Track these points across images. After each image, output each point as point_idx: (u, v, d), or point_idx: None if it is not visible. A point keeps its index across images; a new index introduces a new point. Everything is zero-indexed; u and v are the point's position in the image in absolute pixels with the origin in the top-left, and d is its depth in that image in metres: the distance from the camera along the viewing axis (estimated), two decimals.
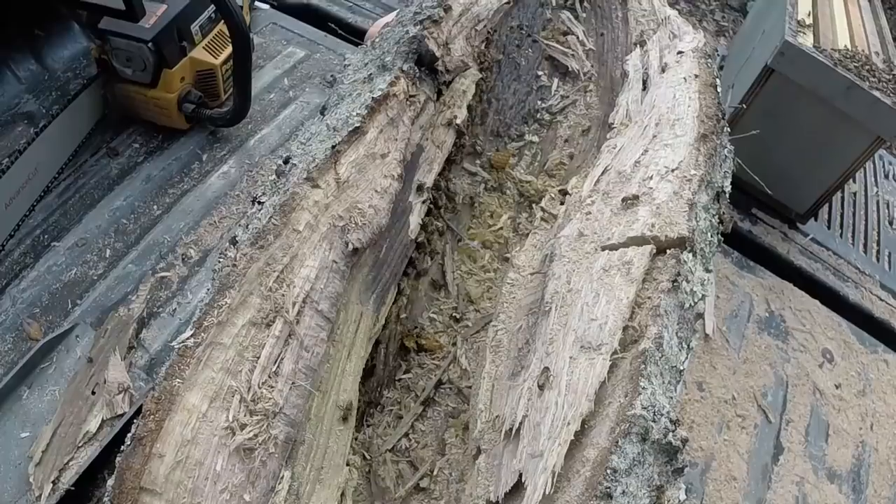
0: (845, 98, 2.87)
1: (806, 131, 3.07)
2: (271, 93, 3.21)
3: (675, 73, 2.21)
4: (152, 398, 1.20)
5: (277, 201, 1.53)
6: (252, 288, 1.40)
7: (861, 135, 2.98)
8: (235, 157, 2.87)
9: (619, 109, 2.24)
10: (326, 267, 1.53)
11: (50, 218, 2.51)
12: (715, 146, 1.84)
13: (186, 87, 2.72)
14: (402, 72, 1.92)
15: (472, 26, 2.30)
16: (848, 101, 2.87)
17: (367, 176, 1.71)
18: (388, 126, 1.82)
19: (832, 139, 3.05)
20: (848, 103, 2.88)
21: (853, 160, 3.12)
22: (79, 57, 2.98)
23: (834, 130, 3.00)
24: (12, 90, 2.79)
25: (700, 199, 1.67)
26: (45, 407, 2.01)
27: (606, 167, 1.93)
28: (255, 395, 1.29)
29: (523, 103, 2.54)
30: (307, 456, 1.39)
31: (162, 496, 1.13)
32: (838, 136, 3.02)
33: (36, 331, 2.19)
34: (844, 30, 3.29)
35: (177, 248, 2.49)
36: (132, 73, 2.61)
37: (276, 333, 1.38)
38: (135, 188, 2.67)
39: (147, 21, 2.50)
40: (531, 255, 1.96)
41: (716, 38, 4.93)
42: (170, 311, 2.31)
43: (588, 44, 2.70)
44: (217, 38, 2.80)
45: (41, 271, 2.35)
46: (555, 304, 1.55)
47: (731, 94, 3.26)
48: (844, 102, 2.88)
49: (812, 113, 2.99)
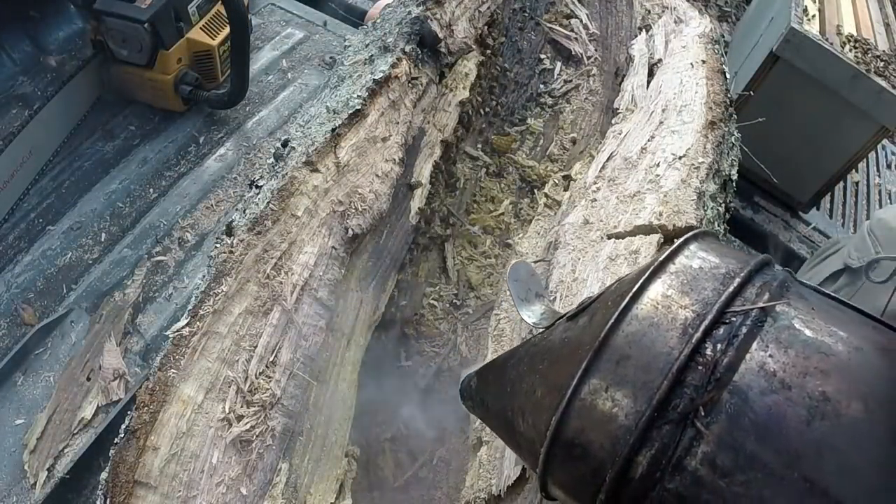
0: (850, 86, 2.84)
1: (810, 119, 3.04)
2: (269, 74, 3.16)
3: (682, 58, 2.18)
4: (146, 389, 1.17)
5: (276, 185, 1.49)
6: (249, 275, 1.37)
7: (865, 124, 2.95)
8: (233, 140, 2.83)
9: (625, 94, 2.20)
10: (325, 253, 1.50)
11: (45, 201, 2.48)
12: (723, 134, 1.81)
13: (183, 69, 2.68)
14: (403, 53, 1.88)
15: (476, 7, 2.25)
16: (853, 90, 2.85)
17: (367, 160, 1.67)
18: (390, 109, 1.78)
19: (836, 128, 3.02)
20: (853, 91, 2.85)
21: (856, 149, 3.10)
22: (74, 38, 2.94)
23: (838, 119, 2.98)
24: (6, 72, 2.75)
25: (708, 188, 1.64)
26: (39, 393, 1.98)
27: (612, 153, 1.90)
28: (252, 386, 1.27)
29: (525, 87, 2.51)
30: (305, 447, 1.37)
31: (157, 490, 1.11)
32: (842, 124, 2.99)
33: (30, 316, 2.16)
34: (850, 18, 3.25)
35: (173, 232, 2.45)
36: (128, 54, 2.57)
37: (273, 322, 1.35)
38: (131, 171, 2.63)
39: (143, 1, 2.46)
40: (534, 241, 1.93)
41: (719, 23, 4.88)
42: (166, 296, 2.28)
43: (592, 27, 2.67)
44: (214, 18, 2.75)
45: (36, 255, 2.32)
46: (560, 293, 1.53)
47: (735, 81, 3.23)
48: (849, 90, 2.86)
49: (816, 101, 2.97)
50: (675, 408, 0.68)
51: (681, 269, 0.79)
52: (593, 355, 0.75)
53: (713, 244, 0.85)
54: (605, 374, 0.74)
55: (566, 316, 0.92)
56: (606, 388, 0.73)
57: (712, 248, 0.84)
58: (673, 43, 2.31)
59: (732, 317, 0.71)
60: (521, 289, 1.10)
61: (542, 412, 0.81)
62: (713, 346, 0.69)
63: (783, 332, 0.70)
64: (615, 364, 0.74)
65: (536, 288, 1.11)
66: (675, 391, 0.69)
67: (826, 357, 0.68)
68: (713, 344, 0.70)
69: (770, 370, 0.67)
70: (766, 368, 0.68)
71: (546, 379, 0.84)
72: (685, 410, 0.68)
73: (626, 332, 0.75)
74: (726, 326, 0.71)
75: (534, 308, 1.07)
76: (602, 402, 0.73)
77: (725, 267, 0.79)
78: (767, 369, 0.68)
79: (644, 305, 0.76)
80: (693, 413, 0.67)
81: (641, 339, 0.74)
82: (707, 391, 0.67)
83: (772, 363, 0.68)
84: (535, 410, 0.84)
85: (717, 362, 0.68)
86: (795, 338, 0.70)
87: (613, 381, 0.73)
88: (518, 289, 1.10)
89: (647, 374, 0.71)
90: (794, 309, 0.73)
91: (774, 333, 0.70)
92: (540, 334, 0.96)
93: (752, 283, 0.76)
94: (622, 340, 0.75)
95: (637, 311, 0.76)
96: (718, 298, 0.73)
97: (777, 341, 0.69)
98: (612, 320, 0.76)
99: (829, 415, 0.64)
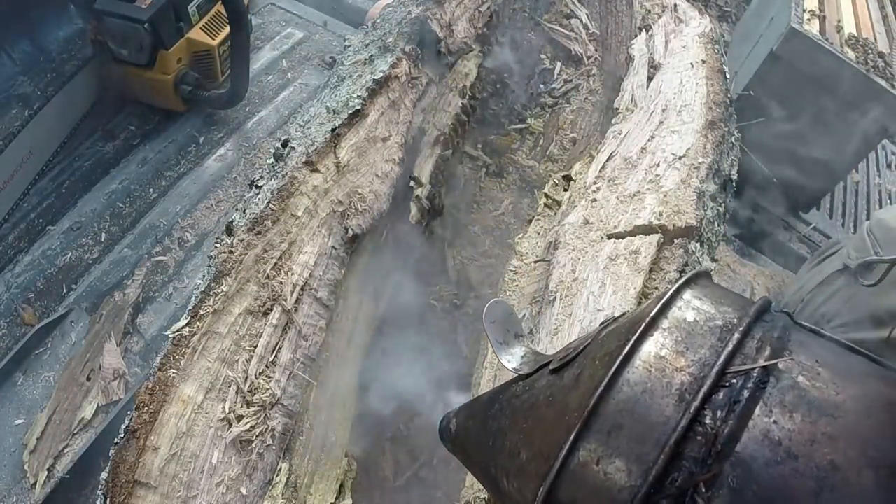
0: (850, 86, 2.84)
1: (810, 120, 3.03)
2: (269, 74, 3.16)
3: (682, 58, 2.18)
4: (146, 389, 1.17)
5: (276, 185, 1.49)
6: (249, 275, 1.36)
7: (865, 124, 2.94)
8: (233, 140, 2.83)
9: (625, 94, 2.20)
10: (325, 253, 1.50)
11: (45, 201, 2.47)
12: (723, 133, 1.81)
13: (183, 69, 2.68)
14: (403, 53, 1.88)
15: (476, 7, 2.25)
16: (853, 90, 2.84)
17: (367, 160, 1.67)
18: (390, 109, 1.78)
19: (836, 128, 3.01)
20: (853, 91, 2.85)
21: (857, 149, 3.09)
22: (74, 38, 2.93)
23: (838, 119, 2.97)
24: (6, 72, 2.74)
25: (708, 188, 1.64)
26: (39, 393, 1.98)
27: (612, 153, 1.90)
28: (252, 386, 1.27)
29: (525, 87, 2.51)
30: (305, 447, 1.37)
31: (157, 490, 1.11)
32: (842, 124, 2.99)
33: (30, 316, 2.16)
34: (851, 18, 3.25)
35: (173, 232, 2.45)
36: (128, 54, 2.57)
37: (273, 322, 1.35)
38: (130, 171, 2.63)
39: (143, 1, 2.46)
40: (534, 241, 1.93)
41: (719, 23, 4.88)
42: (166, 296, 2.28)
43: (592, 27, 2.67)
44: (214, 18, 2.75)
45: (36, 255, 2.32)
46: (559, 293, 1.52)
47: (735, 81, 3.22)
48: (849, 91, 2.85)
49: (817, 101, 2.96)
50: (673, 482, 0.64)
51: (674, 324, 0.74)
52: (583, 425, 0.70)
53: (707, 289, 0.80)
54: (597, 445, 0.69)
55: (549, 367, 0.86)
56: (598, 461, 0.69)
57: (707, 294, 0.78)
58: (673, 43, 2.31)
59: (732, 378, 0.67)
60: (498, 331, 1.03)
61: (528, 478, 0.77)
62: (713, 413, 0.65)
63: (787, 393, 0.66)
64: (607, 435, 0.69)
65: (515, 328, 1.04)
66: (674, 464, 0.64)
67: (834, 420, 0.64)
68: (713, 411, 0.65)
69: (775, 438, 0.63)
70: (770, 437, 0.63)
71: (530, 441, 0.80)
72: (684, 486, 0.63)
73: (617, 399, 0.70)
74: (726, 390, 0.66)
75: (513, 351, 1.01)
76: (594, 474, 0.69)
77: (722, 318, 0.74)
78: (772, 437, 0.63)
79: (636, 369, 0.71)
80: (693, 488, 0.63)
81: (634, 407, 0.69)
82: (708, 465, 0.63)
83: (776, 430, 0.64)
84: (521, 475, 0.80)
85: (718, 432, 0.64)
86: (801, 399, 0.65)
87: (606, 453, 0.68)
88: (495, 331, 1.03)
89: (641, 446, 0.66)
90: (797, 365, 0.68)
91: (778, 396, 0.66)
92: (521, 385, 0.90)
93: (751, 336, 0.71)
94: (614, 409, 0.70)
95: (629, 375, 0.71)
96: (717, 359, 0.68)
97: (781, 405, 0.65)
98: (601, 387, 0.70)
99: (838, 486, 0.60)
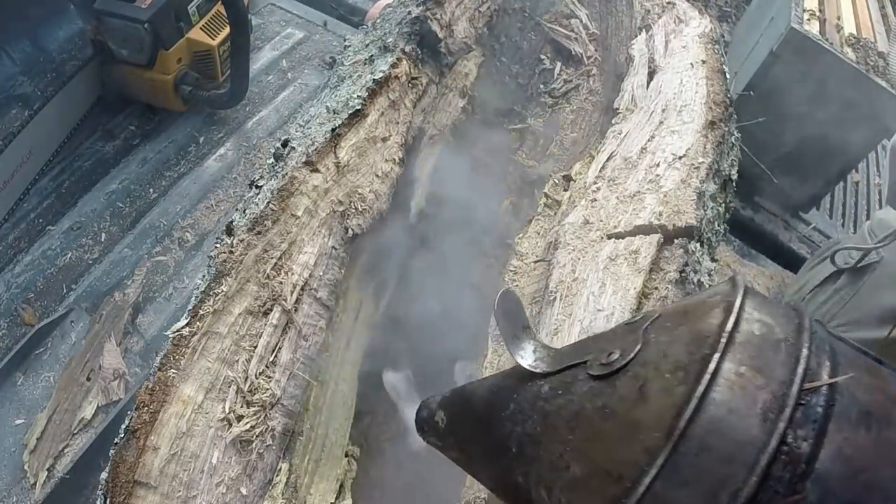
0: (850, 86, 2.84)
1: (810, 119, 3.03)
2: (269, 74, 3.17)
3: (682, 58, 2.17)
4: (146, 389, 1.17)
5: (276, 185, 1.49)
6: (249, 275, 1.36)
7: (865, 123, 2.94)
8: (233, 140, 2.83)
9: (625, 94, 2.20)
10: (325, 253, 1.50)
11: (45, 201, 2.48)
12: (723, 133, 1.81)
13: (183, 69, 2.68)
14: (403, 53, 1.88)
15: (476, 7, 2.25)
16: (852, 90, 2.84)
17: (367, 160, 1.67)
18: (390, 109, 1.78)
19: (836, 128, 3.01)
20: (852, 91, 2.85)
21: (857, 149, 3.09)
22: (74, 38, 2.94)
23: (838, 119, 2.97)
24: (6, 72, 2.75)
25: (708, 188, 1.64)
26: (39, 393, 1.99)
27: (612, 153, 1.90)
28: (252, 386, 1.27)
29: (525, 87, 2.51)
30: (305, 447, 1.37)
31: (157, 490, 1.11)
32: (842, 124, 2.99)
33: (30, 316, 2.16)
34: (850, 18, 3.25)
35: (173, 232, 2.46)
36: (128, 54, 2.57)
37: (273, 322, 1.35)
38: (131, 171, 2.64)
39: (143, 1, 2.46)
40: (534, 241, 1.93)
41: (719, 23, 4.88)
42: (166, 296, 2.28)
43: (591, 27, 2.66)
44: (214, 18, 2.75)
45: (36, 255, 2.32)
46: (559, 293, 1.52)
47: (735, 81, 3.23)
48: (849, 91, 2.85)
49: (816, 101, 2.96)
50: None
51: (745, 339, 0.71)
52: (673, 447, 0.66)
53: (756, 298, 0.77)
54: (683, 467, 0.66)
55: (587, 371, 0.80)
56: (685, 483, 0.66)
57: (758, 303, 0.76)
58: (673, 43, 2.31)
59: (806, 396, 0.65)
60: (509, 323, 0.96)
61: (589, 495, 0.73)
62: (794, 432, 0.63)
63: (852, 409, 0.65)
64: (694, 456, 0.66)
65: (522, 320, 0.97)
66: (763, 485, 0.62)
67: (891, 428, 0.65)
68: (794, 430, 0.63)
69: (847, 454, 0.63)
70: (843, 453, 0.63)
71: (585, 456, 0.75)
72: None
73: (703, 419, 0.67)
74: (802, 408, 0.65)
75: (524, 346, 0.94)
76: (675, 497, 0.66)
77: (781, 331, 0.71)
78: (844, 454, 0.63)
79: (720, 387, 0.68)
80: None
81: (720, 427, 0.66)
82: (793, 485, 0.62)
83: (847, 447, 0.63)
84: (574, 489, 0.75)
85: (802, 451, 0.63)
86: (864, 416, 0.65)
87: (692, 476, 0.65)
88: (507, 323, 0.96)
89: (729, 467, 0.64)
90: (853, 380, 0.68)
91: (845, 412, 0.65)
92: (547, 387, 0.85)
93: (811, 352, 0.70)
94: (701, 429, 0.66)
95: (715, 393, 0.67)
96: (792, 376, 0.66)
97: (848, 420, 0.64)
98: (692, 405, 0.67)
99: None
